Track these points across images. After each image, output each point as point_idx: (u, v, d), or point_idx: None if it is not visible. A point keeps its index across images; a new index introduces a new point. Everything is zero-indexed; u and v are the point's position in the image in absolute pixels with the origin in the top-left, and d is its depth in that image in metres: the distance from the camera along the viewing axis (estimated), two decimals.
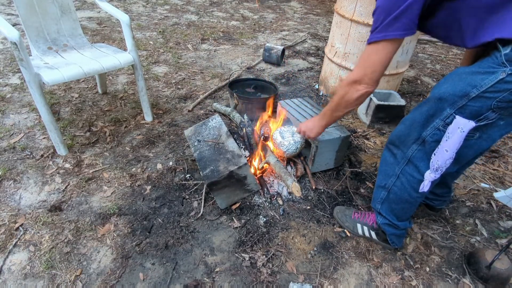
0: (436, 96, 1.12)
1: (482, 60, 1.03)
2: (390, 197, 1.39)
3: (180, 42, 3.85)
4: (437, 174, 1.21)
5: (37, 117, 2.29)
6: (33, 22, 2.01)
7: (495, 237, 1.69)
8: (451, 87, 1.07)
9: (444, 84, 1.11)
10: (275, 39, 4.24)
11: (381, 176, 1.41)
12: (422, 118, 1.18)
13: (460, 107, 1.05)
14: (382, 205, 1.44)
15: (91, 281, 1.34)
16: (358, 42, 2.44)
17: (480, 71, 1.00)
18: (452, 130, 1.09)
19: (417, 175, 1.26)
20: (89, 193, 1.75)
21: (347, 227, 1.63)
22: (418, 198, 1.34)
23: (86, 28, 3.94)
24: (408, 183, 1.30)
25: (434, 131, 1.15)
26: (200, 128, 1.91)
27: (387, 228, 1.47)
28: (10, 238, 1.48)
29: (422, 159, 1.22)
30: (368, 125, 2.48)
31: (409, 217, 1.46)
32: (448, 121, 1.10)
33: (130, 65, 2.05)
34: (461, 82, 1.05)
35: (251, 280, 1.39)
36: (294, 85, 3.09)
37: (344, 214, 1.66)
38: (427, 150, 1.20)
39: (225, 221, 1.65)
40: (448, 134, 1.10)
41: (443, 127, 1.12)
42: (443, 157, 1.14)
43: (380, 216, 1.49)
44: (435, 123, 1.14)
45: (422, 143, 1.20)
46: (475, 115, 1.04)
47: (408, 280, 1.45)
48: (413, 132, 1.22)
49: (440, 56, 4.07)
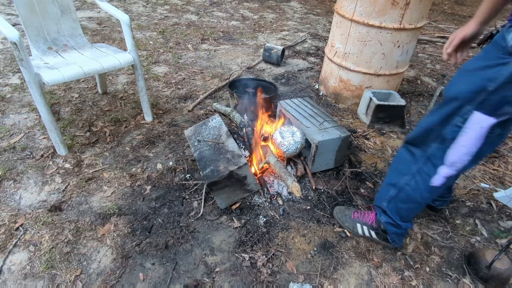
0: (452, 95, 1.12)
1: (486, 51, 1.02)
2: (399, 196, 1.38)
3: (180, 42, 3.85)
4: (451, 170, 1.19)
5: (37, 117, 2.29)
6: (33, 22, 2.01)
7: (495, 237, 1.69)
8: (466, 85, 1.07)
9: (458, 83, 1.11)
10: (275, 39, 4.23)
11: (393, 174, 1.40)
12: (441, 118, 1.17)
13: (479, 102, 1.05)
14: (389, 204, 1.43)
15: (91, 281, 1.34)
16: (358, 42, 2.44)
17: (491, 64, 1.00)
18: (470, 125, 1.08)
19: (434, 174, 1.25)
20: (89, 193, 1.75)
21: (347, 227, 1.63)
22: (428, 199, 1.33)
23: (86, 28, 3.94)
24: (422, 183, 1.29)
25: (453, 128, 1.14)
26: (200, 128, 1.91)
27: (390, 227, 1.47)
28: (10, 238, 1.48)
29: (441, 157, 1.21)
30: (368, 125, 2.48)
31: (412, 218, 1.46)
32: (466, 117, 1.09)
33: (130, 65, 2.05)
34: (476, 77, 1.04)
35: (251, 280, 1.39)
36: (294, 85, 3.09)
37: (343, 214, 1.66)
38: (446, 148, 1.19)
39: (225, 221, 1.65)
40: (466, 129, 1.09)
41: (462, 123, 1.11)
42: (459, 151, 1.13)
43: (384, 214, 1.48)
44: (455, 121, 1.13)
45: (442, 141, 1.19)
46: (495, 109, 1.03)
47: (408, 280, 1.45)
48: (432, 131, 1.21)
49: (440, 56, 4.07)
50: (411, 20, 2.28)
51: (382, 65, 2.49)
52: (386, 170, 2.08)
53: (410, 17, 2.26)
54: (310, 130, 1.88)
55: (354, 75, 2.60)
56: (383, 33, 2.33)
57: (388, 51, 2.42)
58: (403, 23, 2.28)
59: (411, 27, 2.30)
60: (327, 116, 2.05)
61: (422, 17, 2.34)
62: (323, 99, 2.86)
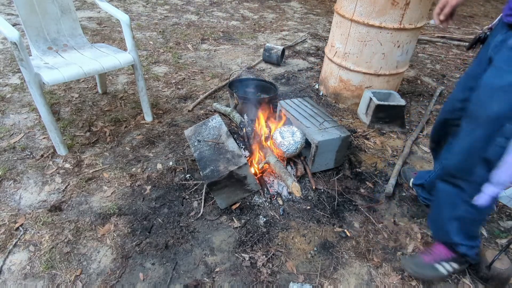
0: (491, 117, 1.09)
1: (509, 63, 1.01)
2: (466, 224, 1.33)
3: (180, 42, 3.85)
4: (498, 188, 1.17)
5: (37, 117, 2.29)
6: (33, 22, 2.01)
7: (495, 237, 1.69)
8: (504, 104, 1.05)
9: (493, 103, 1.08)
10: (275, 39, 4.23)
11: (448, 210, 1.34)
12: (480, 142, 1.14)
13: None
14: (459, 235, 1.35)
15: (91, 281, 1.34)
16: (358, 42, 2.44)
17: None
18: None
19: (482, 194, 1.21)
20: (89, 193, 1.75)
21: (429, 276, 1.43)
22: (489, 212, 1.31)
23: (86, 28, 3.94)
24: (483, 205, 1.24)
25: (496, 149, 1.11)
26: (200, 128, 1.91)
27: (470, 251, 1.39)
28: (10, 238, 1.48)
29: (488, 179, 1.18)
30: (368, 125, 2.48)
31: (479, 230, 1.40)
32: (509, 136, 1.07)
33: (130, 65, 2.05)
34: None
35: (251, 280, 1.39)
36: (294, 85, 3.09)
37: (416, 265, 1.44)
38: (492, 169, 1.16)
39: (225, 221, 1.65)
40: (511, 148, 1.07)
41: (505, 143, 1.09)
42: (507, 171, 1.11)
43: (461, 246, 1.38)
44: (497, 142, 1.10)
45: (487, 164, 1.16)
46: None
47: (408, 280, 1.45)
48: (474, 159, 1.18)
49: (440, 56, 4.07)
50: (411, 20, 2.28)
51: (382, 65, 2.49)
52: (386, 170, 2.08)
53: (410, 17, 2.26)
54: (310, 130, 1.88)
55: (354, 75, 2.60)
56: (383, 33, 2.33)
57: (388, 51, 2.42)
58: (403, 23, 2.28)
59: (411, 27, 2.30)
60: (327, 116, 2.05)
61: (422, 17, 2.34)
62: (323, 99, 2.86)
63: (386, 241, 1.63)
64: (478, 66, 1.30)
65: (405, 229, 1.71)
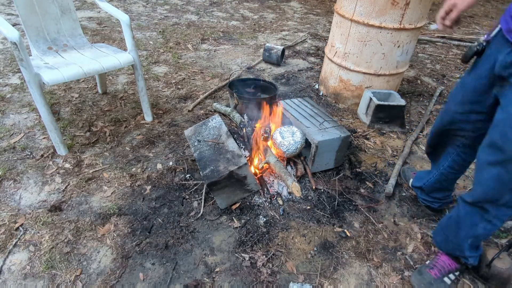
0: None
1: None
2: (480, 239, 1.33)
3: (180, 42, 3.85)
4: None
5: (37, 117, 2.29)
6: (33, 22, 2.01)
7: (495, 237, 1.69)
8: None
9: None
10: (275, 39, 4.23)
11: (467, 229, 1.32)
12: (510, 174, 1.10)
13: None
14: (471, 251, 1.36)
15: (91, 281, 1.34)
16: (358, 42, 2.44)
17: None
18: None
19: None
20: (89, 193, 1.75)
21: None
22: None
23: (86, 28, 3.94)
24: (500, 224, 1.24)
25: None
26: (200, 128, 1.91)
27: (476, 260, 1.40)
28: (10, 238, 1.48)
29: None
30: (368, 125, 2.48)
31: None
32: None
33: (130, 65, 2.05)
34: None
35: (251, 280, 1.39)
36: (294, 85, 3.09)
37: (428, 284, 1.42)
38: None
39: (225, 221, 1.65)
40: None
41: None
42: None
43: (470, 258, 1.38)
44: None
45: None
46: None
47: (408, 280, 1.45)
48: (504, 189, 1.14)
49: (440, 56, 4.07)
50: (411, 20, 2.28)
51: (382, 65, 2.49)
52: (386, 170, 2.08)
53: (410, 17, 2.26)
54: (310, 130, 1.88)
55: (354, 75, 2.60)
56: (383, 33, 2.33)
57: (388, 51, 2.42)
58: (403, 23, 2.28)
59: (411, 27, 2.30)
60: (327, 116, 2.05)
61: (422, 17, 2.34)
62: (323, 99, 2.86)
63: (386, 241, 1.63)
64: (476, 80, 1.24)
65: (405, 229, 1.71)
